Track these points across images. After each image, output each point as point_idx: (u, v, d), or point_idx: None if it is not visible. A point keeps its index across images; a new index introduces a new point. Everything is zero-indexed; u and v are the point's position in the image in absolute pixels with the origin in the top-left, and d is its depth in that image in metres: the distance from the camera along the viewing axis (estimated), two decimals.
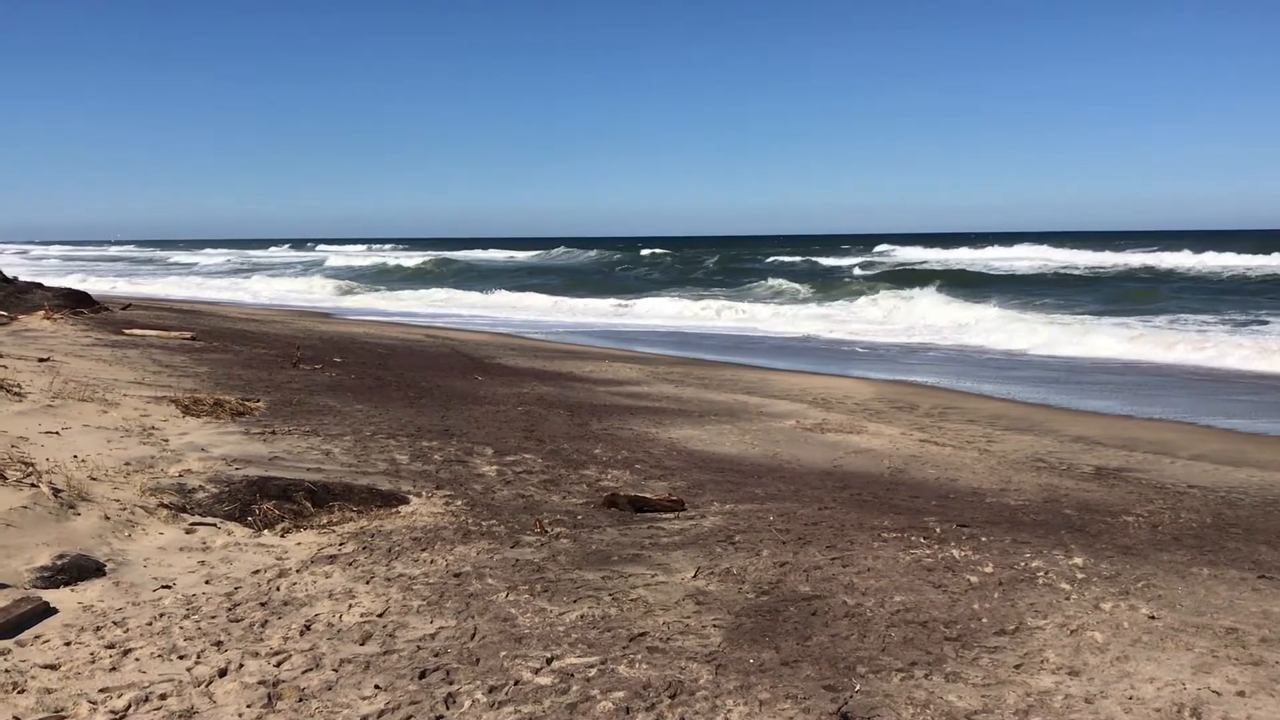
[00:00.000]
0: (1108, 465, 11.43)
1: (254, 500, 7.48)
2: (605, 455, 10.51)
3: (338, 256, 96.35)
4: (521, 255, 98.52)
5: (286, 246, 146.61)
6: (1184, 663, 5.30)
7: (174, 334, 19.30)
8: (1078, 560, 7.12)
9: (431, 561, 6.58)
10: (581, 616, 5.71)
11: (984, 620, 5.86)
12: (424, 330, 28.69)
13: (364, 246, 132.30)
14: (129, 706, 4.43)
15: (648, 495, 8.59)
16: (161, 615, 5.45)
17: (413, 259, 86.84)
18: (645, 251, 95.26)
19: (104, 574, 5.95)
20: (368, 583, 6.12)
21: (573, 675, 4.89)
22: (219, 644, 5.12)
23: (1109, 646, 5.50)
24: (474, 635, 5.38)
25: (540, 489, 8.83)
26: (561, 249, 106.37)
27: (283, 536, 6.99)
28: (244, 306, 39.14)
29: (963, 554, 7.14)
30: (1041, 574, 6.76)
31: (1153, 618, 5.99)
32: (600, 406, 14.18)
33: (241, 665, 4.89)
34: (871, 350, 25.84)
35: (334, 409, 12.00)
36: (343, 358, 18.11)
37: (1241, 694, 4.92)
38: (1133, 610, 6.11)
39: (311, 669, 4.89)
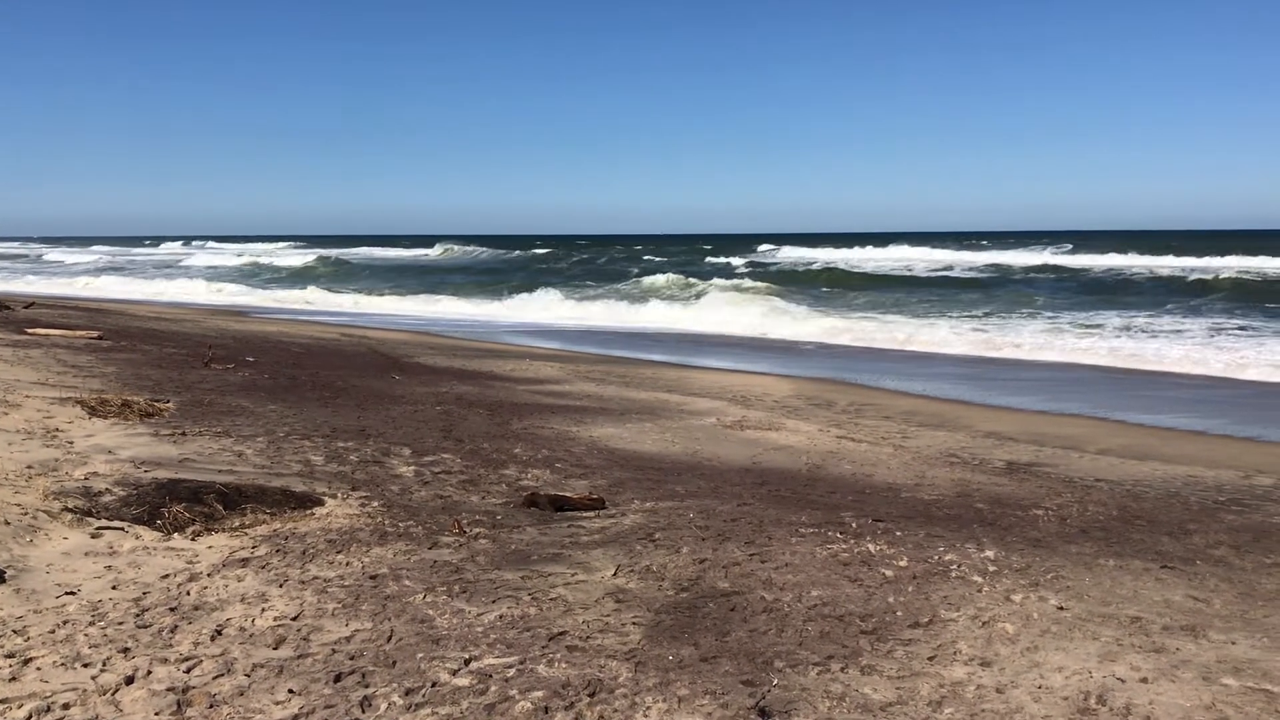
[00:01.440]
0: (1018, 460, 11.70)
1: (163, 503, 7.30)
2: (525, 454, 10.46)
3: (214, 255, 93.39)
4: (408, 253, 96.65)
5: (180, 243, 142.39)
6: (1091, 652, 5.45)
7: (80, 333, 18.75)
8: (989, 553, 7.27)
9: (347, 564, 6.48)
10: (500, 617, 5.67)
11: (899, 613, 5.95)
12: (340, 329, 28.27)
13: (261, 244, 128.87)
14: (30, 717, 4.29)
15: (568, 494, 8.57)
16: (65, 622, 5.28)
17: (301, 258, 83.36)
18: (537, 250, 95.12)
19: (3, 581, 5.75)
20: (281, 586, 6.01)
21: (491, 676, 4.85)
22: (126, 651, 4.98)
23: (1019, 637, 5.62)
24: (390, 637, 5.31)
25: (459, 489, 8.76)
26: (439, 246, 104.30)
27: (193, 540, 6.83)
28: (155, 305, 38.18)
29: (878, 548, 7.24)
30: (954, 567, 6.89)
31: (1061, 608, 6.15)
32: (521, 405, 14.11)
33: (149, 672, 4.76)
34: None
35: (247, 409, 11.76)
36: (256, 357, 17.77)
37: (1144, 680, 5.07)
38: (1042, 601, 6.26)
39: (223, 674, 4.79)
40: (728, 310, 36.70)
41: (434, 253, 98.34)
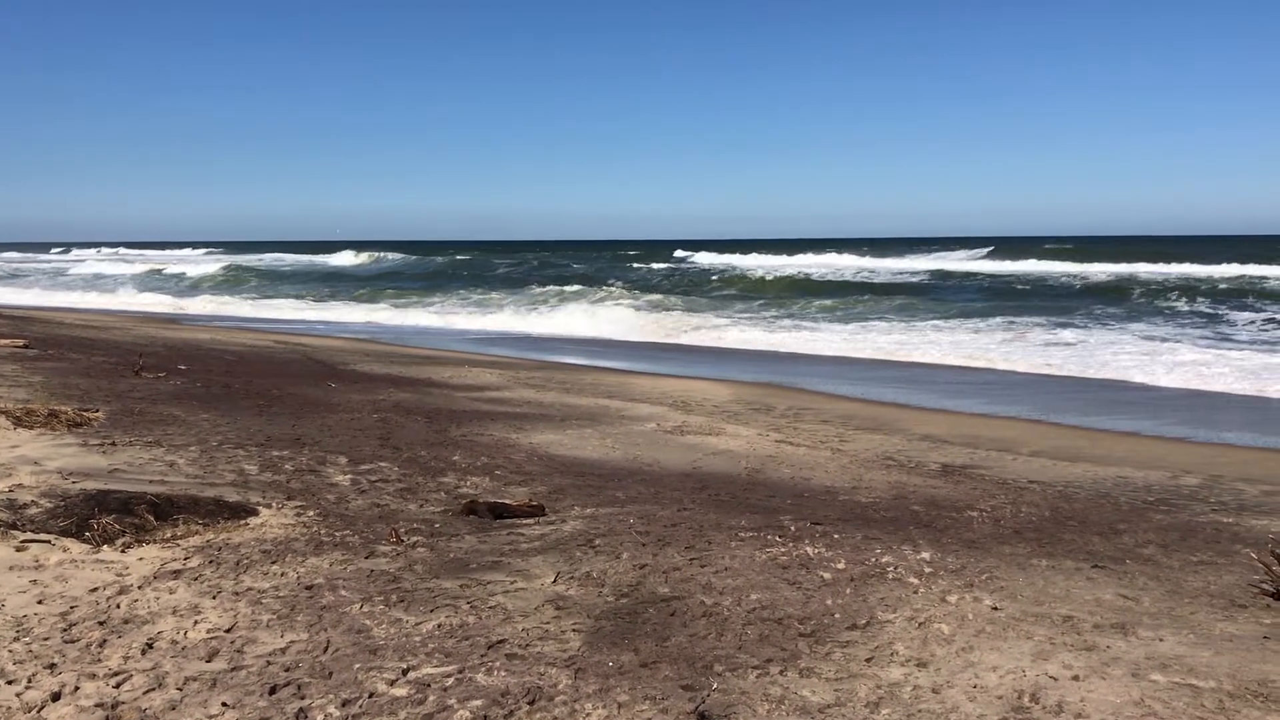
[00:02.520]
0: (953, 463, 11.86)
1: (92, 515, 7.13)
2: (464, 462, 10.39)
3: (108, 263, 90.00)
4: (322, 259, 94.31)
5: (97, 251, 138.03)
6: (1024, 651, 5.53)
7: (3, 341, 18.28)
8: (925, 555, 7.36)
9: (282, 574, 6.39)
10: (439, 626, 5.62)
11: (837, 615, 6.00)
12: (275, 336, 27.88)
13: (156, 251, 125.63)
14: None
15: (507, 501, 8.53)
16: None
17: (205, 265, 79.38)
18: (458, 256, 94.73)
19: None
20: (214, 597, 5.91)
21: (429, 685, 4.81)
22: (52, 667, 4.86)
23: (955, 637, 5.70)
24: (327, 648, 5.24)
25: (396, 498, 8.68)
26: (366, 254, 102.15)
27: (123, 552, 6.68)
28: (83, 312, 37.35)
29: (816, 551, 7.30)
30: (891, 569, 6.96)
31: (995, 608, 6.24)
32: (459, 412, 14.02)
33: (77, 688, 4.65)
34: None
35: (179, 419, 11.55)
36: (188, 365, 17.46)
37: (1076, 678, 5.16)
38: (977, 602, 6.35)
39: (154, 689, 4.69)
40: (579, 316, 38.49)
41: (357, 259, 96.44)
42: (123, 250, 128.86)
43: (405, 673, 4.95)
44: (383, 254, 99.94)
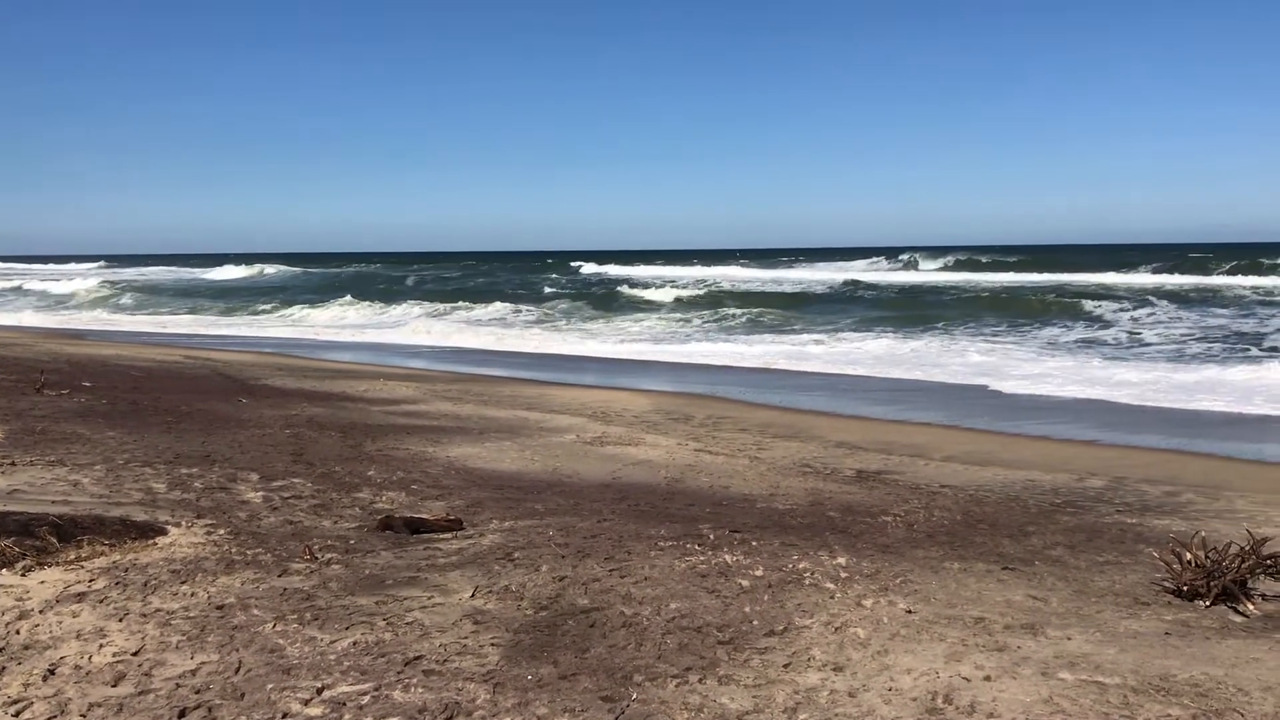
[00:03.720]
0: (868, 468, 12.03)
1: None
2: (380, 477, 10.26)
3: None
4: (209, 274, 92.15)
5: None
6: (938, 653, 5.63)
7: None
8: (841, 560, 7.46)
9: (192, 594, 6.23)
10: (354, 643, 5.54)
11: (755, 622, 6.05)
12: (184, 351, 27.24)
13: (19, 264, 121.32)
14: None
15: (424, 516, 8.44)
16: None
17: (84, 281, 75.49)
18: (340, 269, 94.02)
19: None
20: (121, 620, 5.74)
21: (345, 704, 4.73)
22: None
23: (870, 641, 5.78)
24: (239, 669, 5.13)
25: (310, 514, 8.53)
26: (258, 266, 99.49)
27: (24, 575, 6.46)
28: None
29: (735, 559, 7.35)
30: (808, 575, 7.03)
31: (910, 612, 6.34)
32: (375, 427, 13.84)
33: None
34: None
35: (83, 437, 11.22)
36: (93, 382, 16.96)
37: (988, 678, 5.27)
38: (891, 605, 6.45)
39: (56, 716, 4.54)
40: (415, 323, 40.54)
41: (246, 272, 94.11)
42: None
43: (320, 692, 4.87)
44: (276, 267, 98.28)
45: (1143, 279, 60.65)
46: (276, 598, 6.24)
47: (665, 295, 53.13)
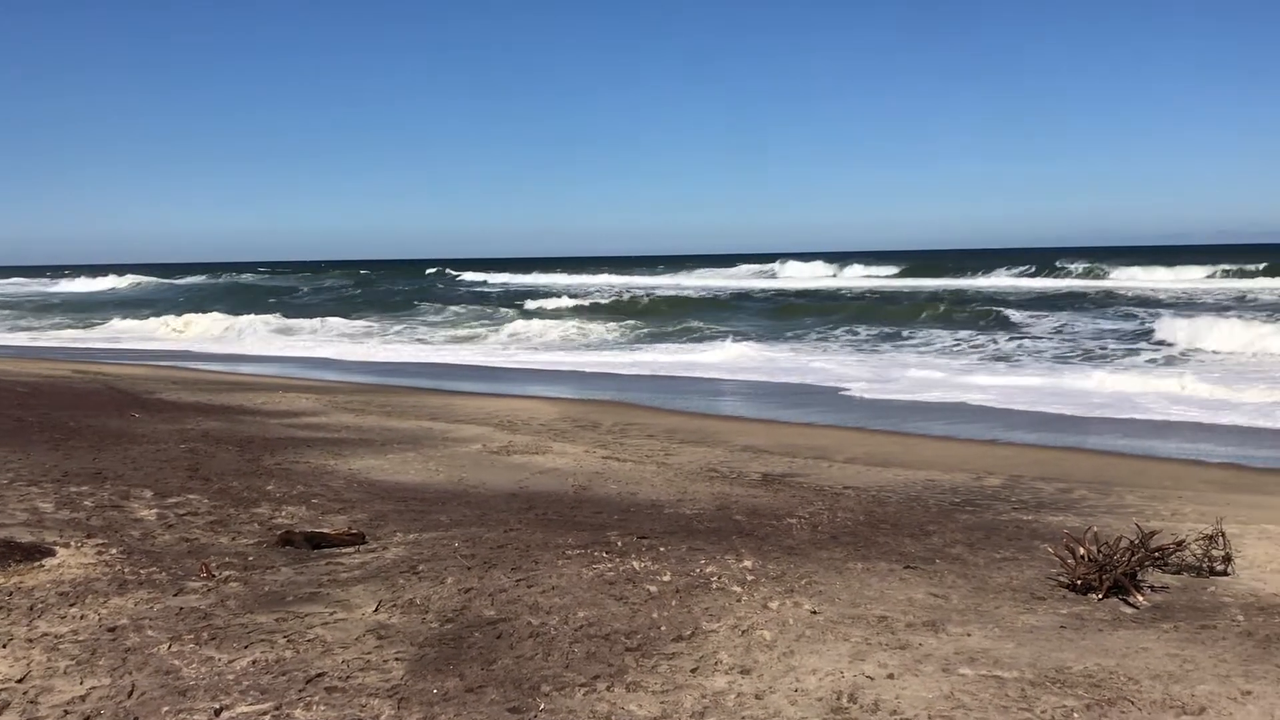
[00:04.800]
0: (773, 471, 12.16)
1: None
2: (279, 491, 10.03)
3: None
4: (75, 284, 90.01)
5: None
6: (842, 652, 5.70)
7: None
8: (747, 563, 7.51)
9: (82, 617, 6.01)
10: (254, 662, 5.39)
11: (663, 628, 6.05)
12: (73, 365, 26.33)
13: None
14: None
15: (325, 530, 8.27)
16: None
17: None
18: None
19: None
20: (4, 646, 5.50)
21: None
22: None
23: (776, 643, 5.83)
24: (131, 692, 4.96)
25: (207, 531, 8.30)
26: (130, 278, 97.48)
27: None
28: None
29: (643, 565, 7.35)
30: (715, 579, 7.07)
31: (815, 612, 6.41)
32: (274, 440, 13.53)
33: None
34: None
35: None
36: None
37: (891, 676, 5.35)
38: (797, 607, 6.51)
39: None
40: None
41: (109, 283, 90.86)
42: None
43: (218, 713, 4.73)
44: (139, 278, 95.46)
45: (1000, 281, 62.92)
46: (172, 617, 6.05)
47: (557, 304, 53.21)
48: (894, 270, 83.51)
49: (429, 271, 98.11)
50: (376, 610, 6.31)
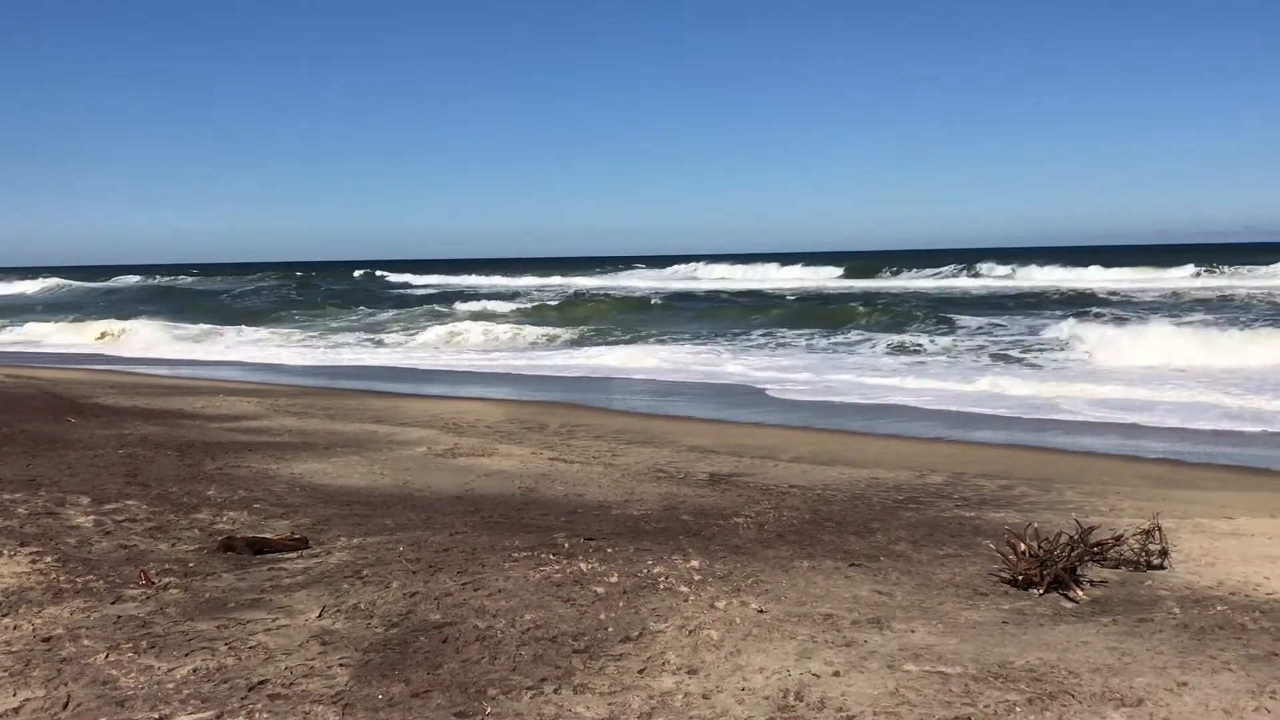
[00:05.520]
0: (720, 471, 12.20)
1: None
2: (220, 496, 9.88)
3: None
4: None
5: None
6: (789, 651, 5.73)
7: None
8: (695, 563, 7.53)
9: (15, 627, 5.87)
10: (194, 670, 5.31)
11: (610, 629, 6.05)
12: (5, 370, 25.74)
13: None
14: None
15: (268, 535, 8.15)
16: None
17: None
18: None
19: None
20: None
21: None
22: None
23: (723, 643, 5.84)
24: (67, 704, 4.85)
25: (146, 537, 8.15)
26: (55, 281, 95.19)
27: None
28: None
29: (590, 566, 7.34)
30: (662, 579, 7.07)
31: (761, 611, 6.44)
32: (214, 444, 13.33)
33: None
34: None
35: None
36: None
37: (837, 674, 5.39)
38: (744, 606, 6.54)
39: None
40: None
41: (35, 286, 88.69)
42: None
43: None
44: (61, 281, 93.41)
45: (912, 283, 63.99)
46: (110, 626, 5.94)
47: (496, 306, 52.93)
48: (837, 272, 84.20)
49: (357, 274, 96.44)
50: (320, 616, 6.23)
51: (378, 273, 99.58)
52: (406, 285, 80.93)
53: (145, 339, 41.27)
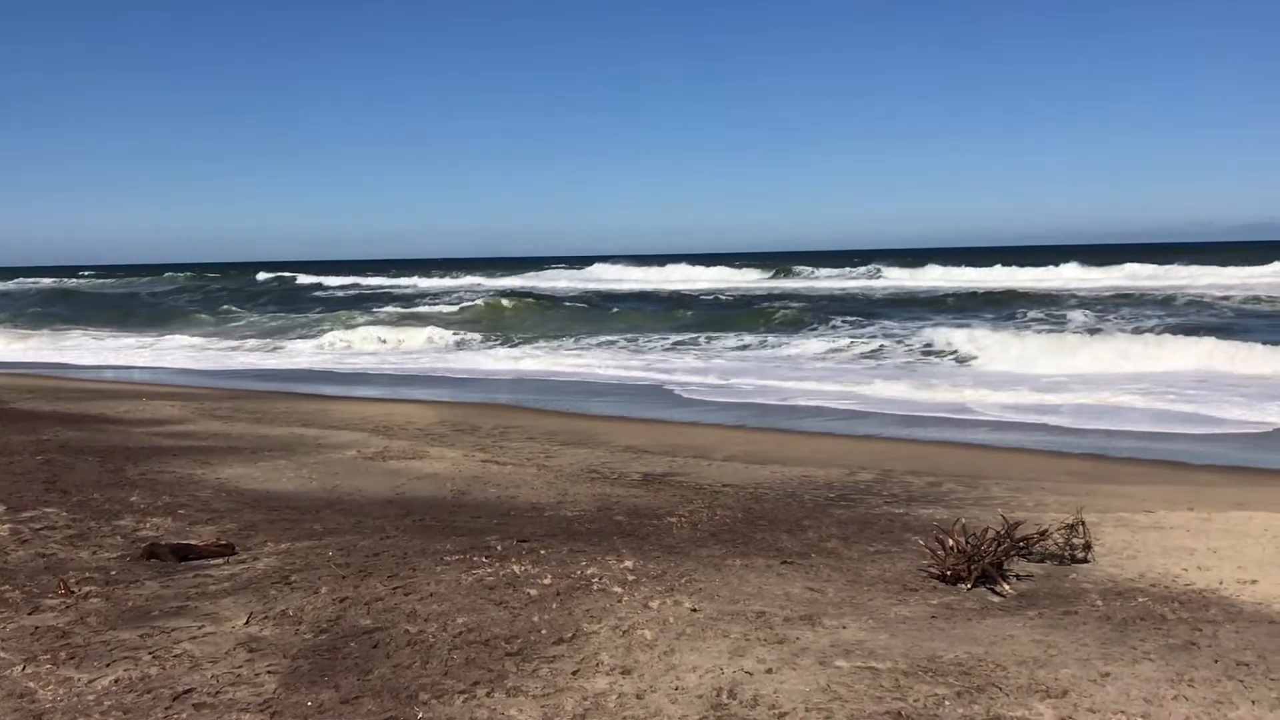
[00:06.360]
0: (654, 471, 12.21)
1: None
2: (143, 502, 9.66)
3: None
4: None
5: None
6: (722, 649, 5.75)
7: None
8: (628, 563, 7.52)
9: None
10: (116, 681, 5.18)
11: (543, 631, 6.02)
12: None
13: None
14: None
15: (193, 542, 7.99)
16: None
17: None
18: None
19: None
20: None
21: None
22: None
23: (657, 642, 5.85)
24: None
25: (65, 545, 7.94)
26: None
27: None
28: None
29: (523, 569, 7.30)
30: (596, 580, 7.06)
31: (695, 610, 6.45)
32: (137, 449, 13.03)
33: None
34: None
35: None
36: None
37: (770, 671, 5.42)
38: (677, 605, 6.55)
39: None
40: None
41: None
42: None
43: None
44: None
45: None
46: (26, 638, 5.77)
47: (416, 309, 52.32)
48: (765, 274, 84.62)
49: (261, 276, 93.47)
50: (247, 623, 6.12)
51: (286, 273, 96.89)
52: (320, 287, 79.36)
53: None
